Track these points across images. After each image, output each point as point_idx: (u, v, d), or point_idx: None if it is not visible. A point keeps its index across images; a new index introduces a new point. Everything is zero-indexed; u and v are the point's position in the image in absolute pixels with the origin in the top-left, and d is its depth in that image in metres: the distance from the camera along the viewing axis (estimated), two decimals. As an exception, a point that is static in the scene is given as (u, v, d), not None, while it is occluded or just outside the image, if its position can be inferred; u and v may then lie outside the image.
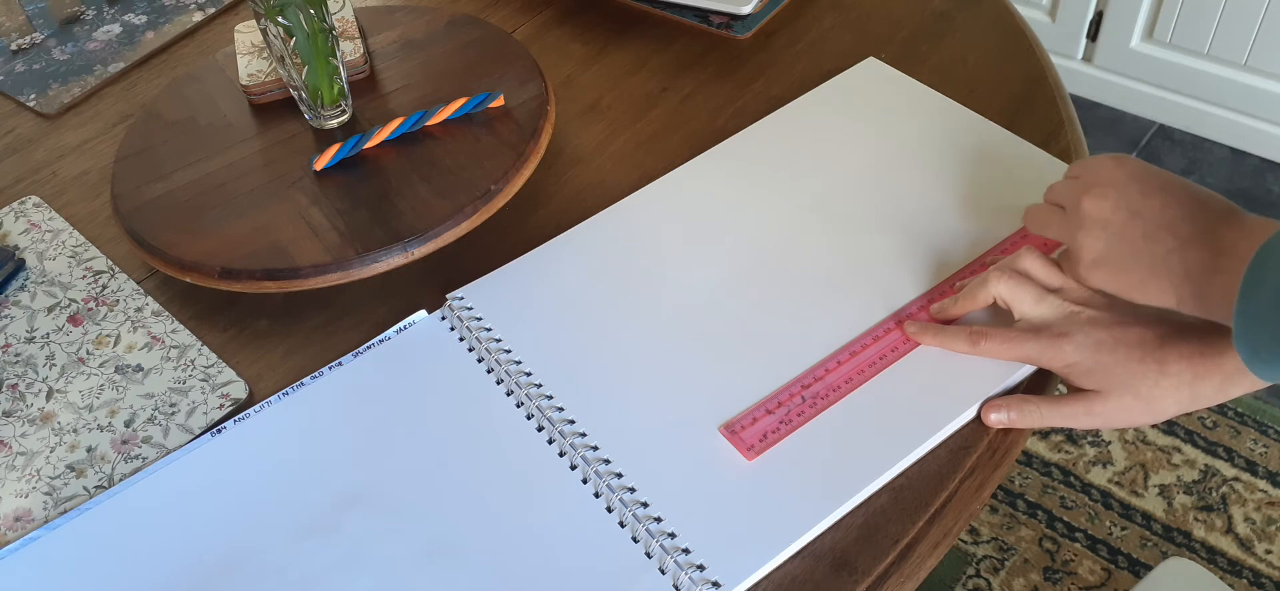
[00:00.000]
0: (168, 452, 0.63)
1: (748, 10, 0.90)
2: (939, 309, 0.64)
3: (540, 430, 0.62)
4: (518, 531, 0.57)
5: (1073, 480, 1.46)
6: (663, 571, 0.55)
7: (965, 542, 1.40)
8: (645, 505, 0.57)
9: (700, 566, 0.54)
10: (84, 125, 0.88)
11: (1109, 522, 1.41)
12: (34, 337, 0.71)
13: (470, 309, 0.68)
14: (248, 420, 0.64)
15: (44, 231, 0.78)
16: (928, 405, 0.61)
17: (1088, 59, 1.94)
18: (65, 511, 0.61)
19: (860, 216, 0.72)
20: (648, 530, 0.56)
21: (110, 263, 0.75)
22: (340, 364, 0.67)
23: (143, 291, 0.73)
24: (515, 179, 0.74)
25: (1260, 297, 0.50)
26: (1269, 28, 1.73)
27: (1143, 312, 0.59)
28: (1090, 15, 1.89)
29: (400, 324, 0.68)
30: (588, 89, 0.87)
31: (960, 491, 0.58)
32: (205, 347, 0.69)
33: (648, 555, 0.55)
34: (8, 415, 0.66)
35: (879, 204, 0.73)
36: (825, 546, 0.56)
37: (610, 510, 0.57)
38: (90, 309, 0.72)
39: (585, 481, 0.59)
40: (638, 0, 0.94)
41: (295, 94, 0.77)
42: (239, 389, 0.67)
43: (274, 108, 0.81)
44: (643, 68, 0.89)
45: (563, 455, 0.60)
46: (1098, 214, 0.59)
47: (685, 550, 0.55)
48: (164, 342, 0.70)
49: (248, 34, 0.84)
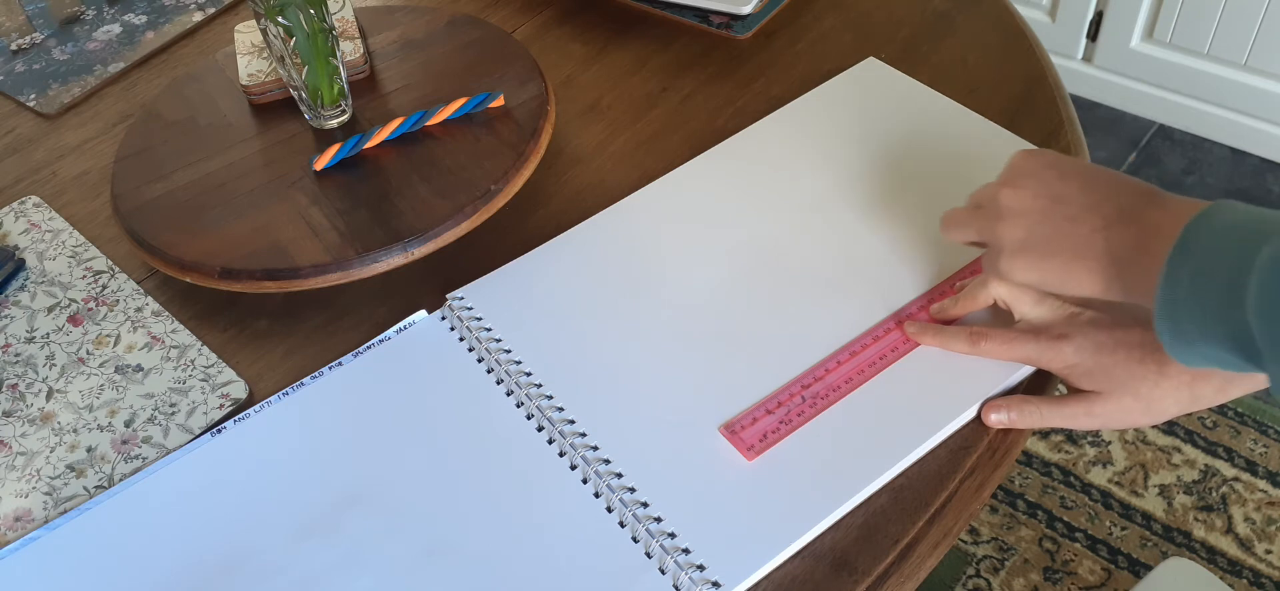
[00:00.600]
0: (168, 452, 0.63)
1: (748, 10, 0.90)
2: (939, 309, 0.64)
3: (540, 430, 0.62)
4: (518, 531, 0.57)
5: (1073, 480, 1.46)
6: (663, 571, 0.55)
7: (965, 542, 1.40)
8: (645, 505, 0.57)
9: (700, 566, 0.54)
10: (84, 125, 0.88)
11: (1109, 522, 1.41)
12: (34, 337, 0.71)
13: (470, 309, 0.68)
14: (248, 420, 0.64)
15: (44, 231, 0.78)
16: (928, 405, 0.61)
17: (1088, 59, 1.94)
18: (65, 511, 0.61)
19: (860, 216, 0.72)
20: (648, 530, 0.56)
21: (110, 262, 0.75)
22: (340, 364, 0.67)
23: (143, 291, 0.73)
24: (515, 179, 0.74)
25: (1182, 278, 0.49)
26: (1269, 28, 1.73)
27: (1142, 314, 0.59)
28: (1090, 15, 1.88)
29: (400, 324, 0.68)
30: (588, 89, 0.87)
31: (960, 491, 0.58)
32: (205, 347, 0.69)
33: (648, 555, 0.55)
34: (8, 415, 0.66)
35: (879, 204, 0.73)
36: (825, 546, 0.56)
37: (610, 510, 0.57)
38: (90, 309, 0.72)
39: (585, 481, 0.59)
40: (638, 0, 0.94)
41: (295, 94, 0.77)
42: (239, 389, 0.67)
43: (274, 108, 0.81)
44: (643, 68, 0.89)
45: (563, 455, 0.60)
46: (1016, 204, 0.57)
47: (685, 550, 0.55)
48: (164, 342, 0.70)
49: (248, 34, 0.84)
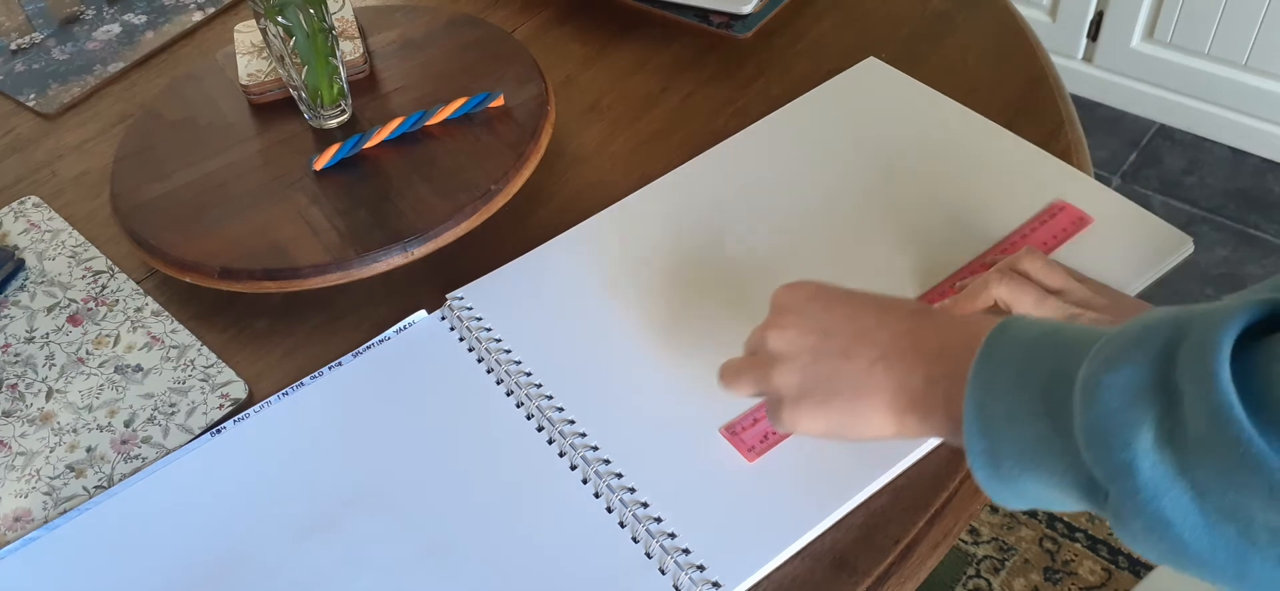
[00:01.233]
0: (167, 452, 0.63)
1: (748, 10, 0.90)
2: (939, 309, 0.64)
3: (540, 430, 0.62)
4: (518, 531, 0.57)
5: (1073, 480, 1.46)
6: (663, 571, 0.55)
7: (965, 542, 1.40)
8: (645, 505, 0.57)
9: (700, 566, 0.54)
10: (83, 125, 0.88)
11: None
12: (33, 337, 0.71)
13: (470, 309, 0.68)
14: (247, 420, 0.64)
15: (43, 231, 0.78)
16: (928, 405, 0.61)
17: (1088, 59, 1.94)
18: (65, 511, 0.61)
19: (860, 216, 0.72)
20: (648, 530, 0.56)
21: (110, 262, 0.75)
22: (340, 364, 0.67)
23: (142, 291, 0.73)
24: (515, 179, 0.74)
25: (995, 402, 0.43)
26: (1269, 28, 1.72)
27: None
28: (1091, 15, 1.88)
29: (400, 324, 0.68)
30: (588, 89, 0.87)
31: (960, 491, 0.58)
32: (205, 347, 0.69)
33: (648, 555, 0.55)
34: (7, 415, 0.66)
35: (879, 204, 0.72)
36: (825, 546, 0.56)
37: (610, 510, 0.57)
38: (90, 309, 0.72)
39: (585, 481, 0.59)
40: (638, 0, 0.94)
41: (295, 94, 0.77)
42: (238, 389, 0.67)
43: (274, 108, 0.81)
44: (643, 68, 0.89)
45: (563, 455, 0.60)
46: (785, 345, 0.52)
47: (685, 550, 0.55)
48: (163, 342, 0.70)
49: (247, 34, 0.84)
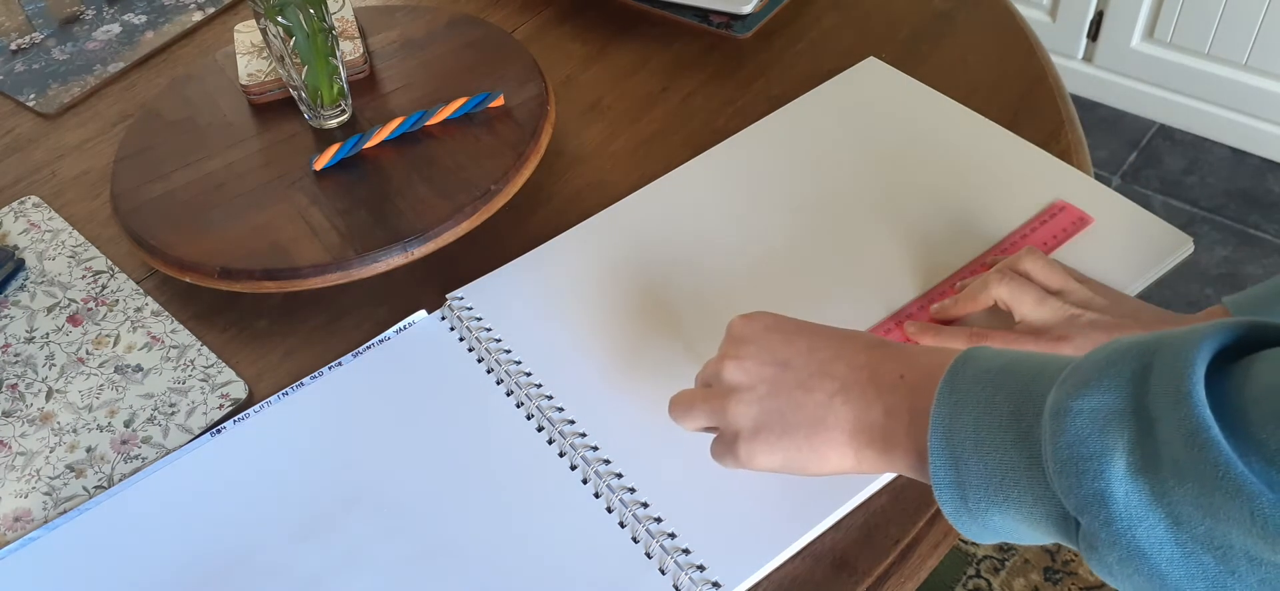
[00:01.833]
0: (167, 453, 0.63)
1: (748, 10, 0.90)
2: (939, 309, 0.64)
3: (540, 430, 0.62)
4: (517, 531, 0.57)
5: (1073, 480, 1.46)
6: (663, 571, 0.55)
7: (965, 543, 1.40)
8: (645, 505, 0.57)
9: (700, 566, 0.54)
10: (83, 125, 0.88)
11: (1109, 522, 1.41)
12: (33, 337, 0.71)
13: (470, 309, 0.68)
14: (247, 420, 0.64)
15: (43, 231, 0.78)
16: (928, 405, 0.61)
17: (1088, 59, 1.94)
18: (65, 511, 0.61)
19: (860, 216, 0.72)
20: (648, 530, 0.56)
21: (110, 262, 0.75)
22: (340, 364, 0.67)
23: (142, 291, 0.73)
24: (515, 179, 0.74)
25: (961, 432, 0.43)
26: (1270, 27, 1.72)
27: (1144, 316, 0.58)
28: (1091, 15, 1.88)
29: (400, 324, 0.68)
30: (588, 89, 0.87)
31: (960, 492, 0.58)
32: (205, 348, 0.69)
33: (648, 555, 0.55)
34: (7, 415, 0.66)
35: (879, 204, 0.72)
36: (825, 546, 0.56)
37: (610, 510, 0.57)
38: (90, 309, 0.72)
39: (585, 481, 0.59)
40: (637, 0, 0.94)
41: (295, 94, 0.77)
42: (238, 389, 0.67)
43: (274, 107, 0.81)
44: (643, 68, 0.88)
45: (563, 455, 0.60)
46: (741, 376, 0.51)
47: (685, 550, 0.55)
48: (163, 343, 0.70)
49: (247, 34, 0.84)
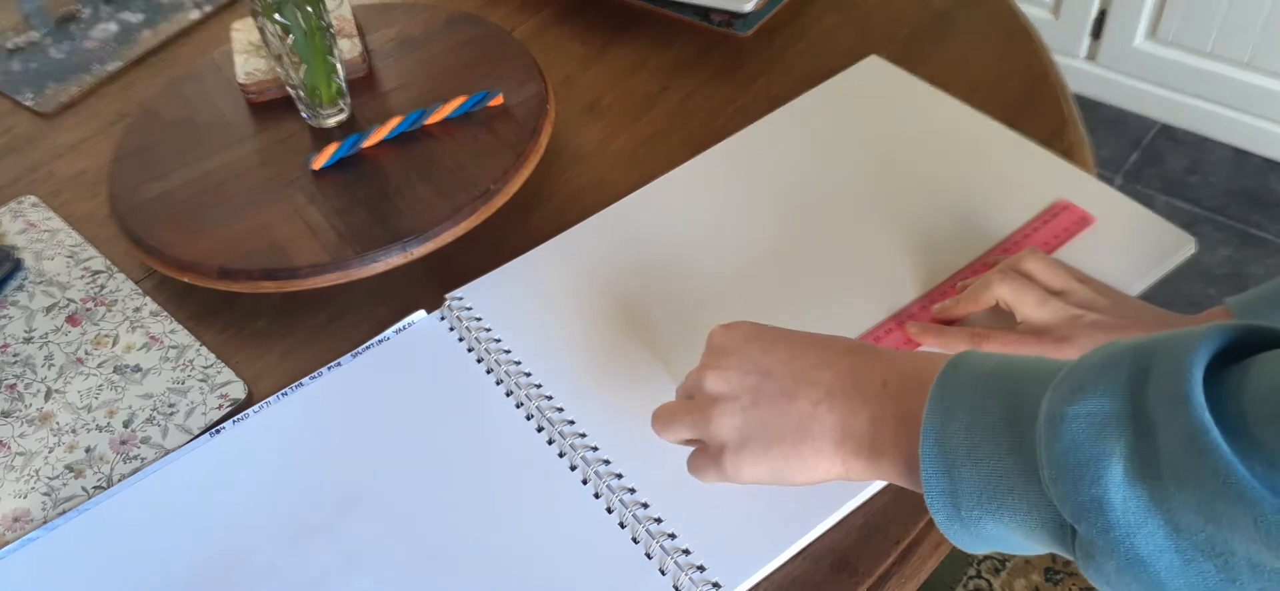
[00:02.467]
0: (166, 453, 0.63)
1: (748, 8, 0.89)
2: (941, 309, 0.64)
3: (540, 430, 0.61)
4: (517, 532, 0.57)
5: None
6: (663, 572, 0.54)
7: (967, 542, 1.40)
8: (645, 505, 0.57)
9: (700, 567, 0.54)
10: (81, 124, 0.88)
11: (1111, 522, 1.41)
12: (32, 338, 0.71)
13: (469, 309, 0.68)
14: (246, 420, 0.64)
15: (41, 231, 0.78)
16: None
17: (1091, 57, 1.94)
18: (64, 512, 0.61)
19: (861, 216, 0.72)
20: (648, 530, 0.56)
21: (108, 262, 0.75)
22: (339, 364, 0.66)
23: (141, 291, 0.73)
24: (515, 178, 0.74)
25: (953, 439, 0.42)
26: (1272, 27, 1.72)
27: (1146, 317, 0.58)
28: (1093, 14, 1.88)
29: (399, 324, 0.68)
30: (588, 88, 0.87)
31: (962, 492, 0.58)
32: (204, 348, 0.69)
33: (648, 555, 0.55)
34: (6, 415, 0.66)
35: (880, 203, 0.72)
36: (825, 546, 0.56)
37: (610, 510, 0.57)
38: (88, 309, 0.72)
39: (585, 481, 0.59)
40: (637, 0, 0.94)
41: (293, 93, 0.77)
42: (237, 389, 0.66)
43: (272, 107, 0.80)
44: (643, 67, 0.88)
45: (563, 455, 0.60)
46: (723, 388, 0.50)
47: (685, 550, 0.55)
48: (162, 343, 0.69)
49: (245, 32, 0.84)
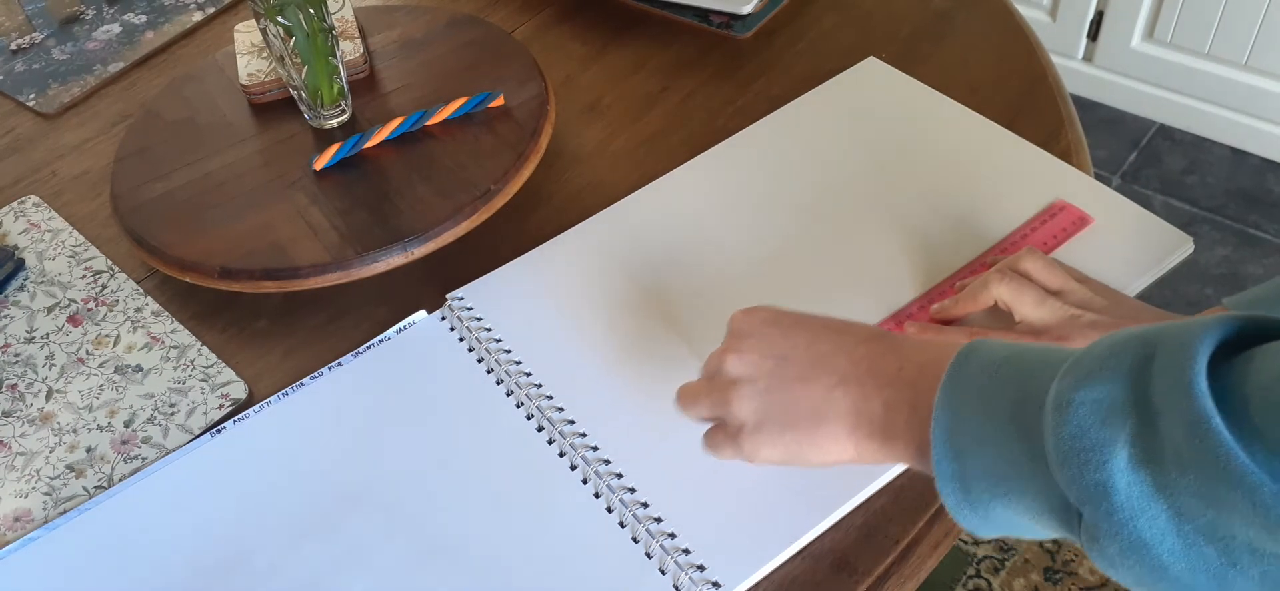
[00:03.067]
0: (167, 453, 0.63)
1: (748, 10, 0.90)
2: (940, 309, 0.64)
3: (540, 430, 0.62)
4: (518, 531, 0.57)
5: (1073, 480, 1.45)
6: (663, 572, 0.55)
7: (965, 543, 1.40)
8: (645, 505, 0.57)
9: (700, 567, 0.54)
10: (83, 125, 0.88)
11: (1109, 522, 1.41)
12: (33, 337, 0.71)
13: (470, 309, 0.68)
14: (247, 420, 0.64)
15: (43, 231, 0.78)
16: (928, 405, 0.60)
17: (1088, 59, 1.94)
18: (65, 511, 0.61)
19: (860, 216, 0.72)
20: (648, 530, 0.56)
21: (110, 262, 0.75)
22: (340, 364, 0.67)
23: (142, 291, 0.73)
24: (515, 179, 0.74)
25: (963, 425, 0.43)
26: (1270, 27, 1.72)
27: (1144, 316, 0.58)
28: (1091, 15, 1.88)
29: (400, 324, 0.68)
30: (588, 89, 0.87)
31: (961, 492, 0.58)
32: (205, 347, 0.69)
33: (648, 555, 0.55)
34: (7, 415, 0.66)
35: (879, 204, 0.72)
36: (825, 546, 0.56)
37: (610, 510, 0.57)
38: (90, 309, 0.72)
39: (585, 481, 0.59)
40: (637, 0, 0.94)
41: (295, 94, 0.77)
42: (238, 389, 0.67)
43: (274, 107, 0.81)
44: (643, 68, 0.88)
45: (563, 455, 0.60)
46: (742, 369, 0.51)
47: (685, 550, 0.55)
48: (163, 342, 0.70)
49: (247, 34, 0.84)
